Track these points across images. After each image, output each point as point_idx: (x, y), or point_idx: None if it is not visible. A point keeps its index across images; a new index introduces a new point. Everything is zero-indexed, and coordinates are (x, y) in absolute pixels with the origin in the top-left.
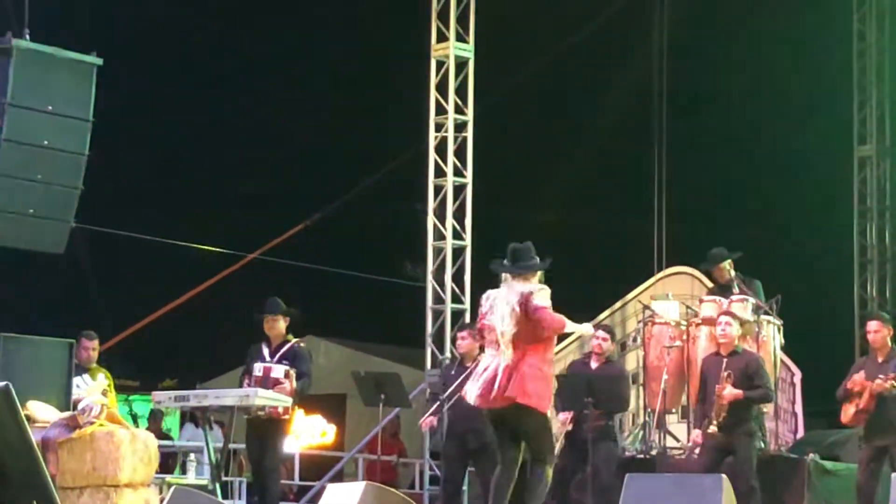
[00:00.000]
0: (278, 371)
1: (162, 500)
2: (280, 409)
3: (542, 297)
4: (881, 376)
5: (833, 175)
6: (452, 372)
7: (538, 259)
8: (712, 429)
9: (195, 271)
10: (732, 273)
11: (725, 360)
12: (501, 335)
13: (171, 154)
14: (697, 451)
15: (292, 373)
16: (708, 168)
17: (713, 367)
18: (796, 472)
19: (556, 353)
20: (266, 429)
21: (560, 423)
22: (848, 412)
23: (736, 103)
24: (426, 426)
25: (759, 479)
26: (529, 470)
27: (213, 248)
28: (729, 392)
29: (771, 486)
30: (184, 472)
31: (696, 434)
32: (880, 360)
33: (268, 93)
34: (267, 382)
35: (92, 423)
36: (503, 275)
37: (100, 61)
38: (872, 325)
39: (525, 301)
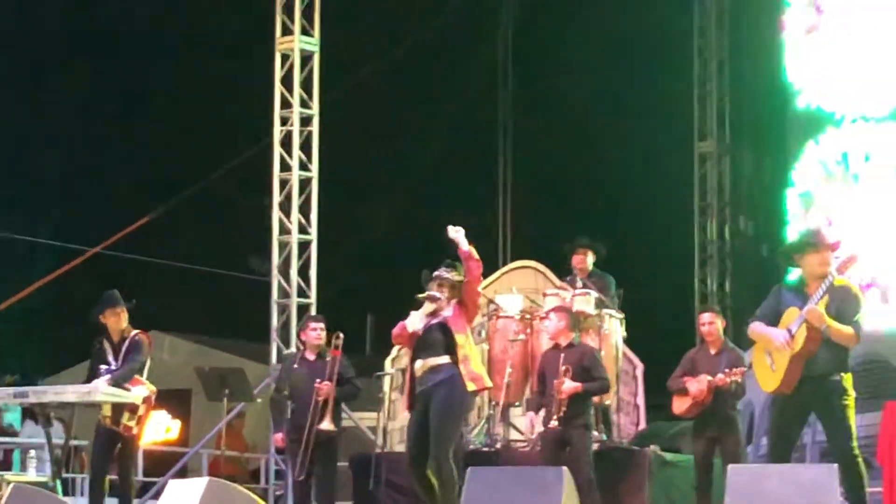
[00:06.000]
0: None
1: (1, 498)
2: (133, 427)
3: None
4: (725, 371)
5: (676, 171)
6: (294, 365)
7: None
8: (553, 423)
9: (34, 266)
10: (591, 266)
11: (562, 354)
12: None
13: (13, 147)
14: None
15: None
16: (553, 162)
17: (551, 361)
18: (637, 464)
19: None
20: (114, 444)
21: None
22: (683, 404)
23: (581, 98)
24: (278, 444)
25: (601, 470)
26: None
27: (54, 242)
28: (567, 386)
29: (612, 478)
30: (24, 468)
31: (532, 416)
32: (713, 352)
33: (114, 84)
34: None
35: None
36: None
37: None
38: (705, 318)
39: None
